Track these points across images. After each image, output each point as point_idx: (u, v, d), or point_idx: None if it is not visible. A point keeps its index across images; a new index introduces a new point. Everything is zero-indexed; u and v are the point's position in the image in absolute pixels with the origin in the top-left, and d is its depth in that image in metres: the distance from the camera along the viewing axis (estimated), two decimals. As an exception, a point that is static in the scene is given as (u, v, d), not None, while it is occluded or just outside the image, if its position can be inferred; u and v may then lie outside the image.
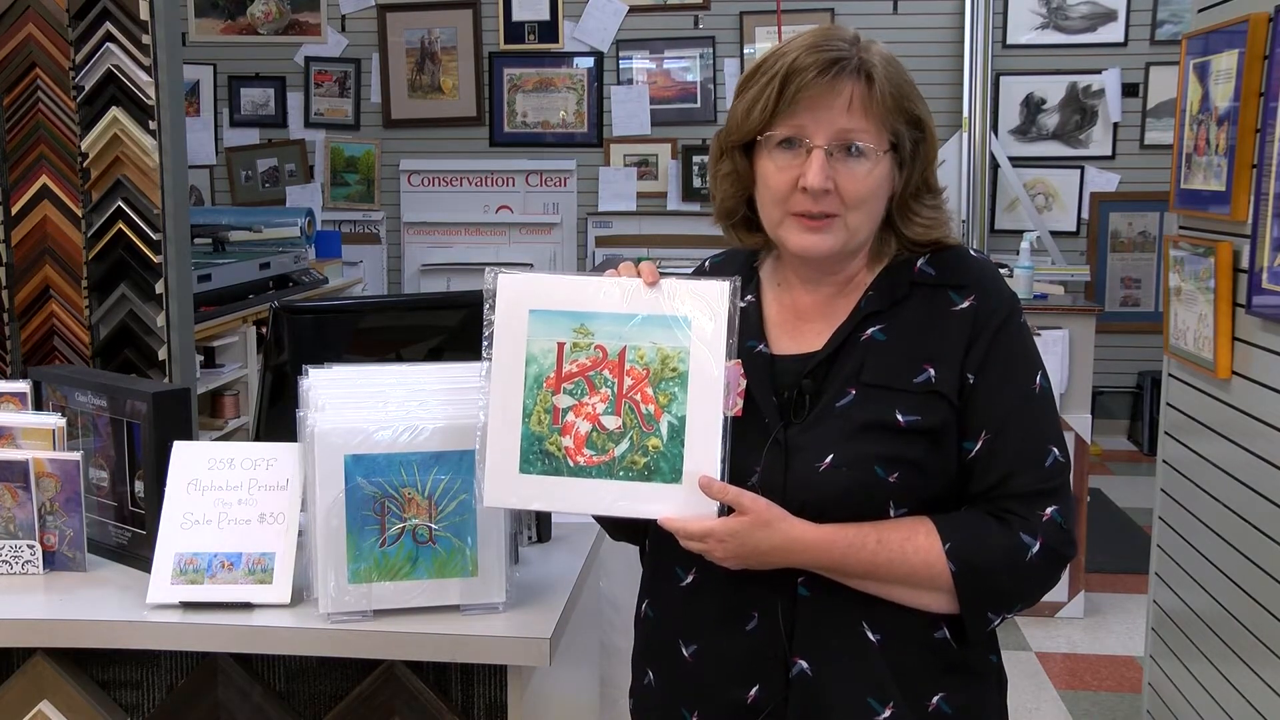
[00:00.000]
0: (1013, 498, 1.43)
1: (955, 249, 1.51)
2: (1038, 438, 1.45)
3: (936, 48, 6.70)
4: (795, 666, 1.44)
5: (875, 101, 1.42)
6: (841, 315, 1.48)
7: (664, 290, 1.44)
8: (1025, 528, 1.42)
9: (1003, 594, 1.44)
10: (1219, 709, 2.59)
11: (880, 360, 1.45)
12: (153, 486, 1.85)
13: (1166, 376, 2.96)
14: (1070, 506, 1.45)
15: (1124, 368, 6.80)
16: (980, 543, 1.42)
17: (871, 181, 1.43)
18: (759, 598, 1.45)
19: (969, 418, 1.44)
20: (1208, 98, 2.65)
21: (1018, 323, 1.48)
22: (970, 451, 1.44)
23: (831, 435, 1.42)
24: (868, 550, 1.40)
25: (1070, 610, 4.41)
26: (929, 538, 1.41)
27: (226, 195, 7.19)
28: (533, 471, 1.44)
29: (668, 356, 1.43)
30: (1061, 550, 1.44)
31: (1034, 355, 1.49)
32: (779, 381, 1.47)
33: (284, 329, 2.11)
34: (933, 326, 1.46)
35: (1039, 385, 1.47)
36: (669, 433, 1.42)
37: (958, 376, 1.44)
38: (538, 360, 1.45)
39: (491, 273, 1.47)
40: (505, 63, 7.02)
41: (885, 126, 1.43)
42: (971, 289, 1.47)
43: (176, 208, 3.04)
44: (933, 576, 1.41)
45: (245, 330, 5.05)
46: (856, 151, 1.42)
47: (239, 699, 1.73)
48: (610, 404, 1.43)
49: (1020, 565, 1.41)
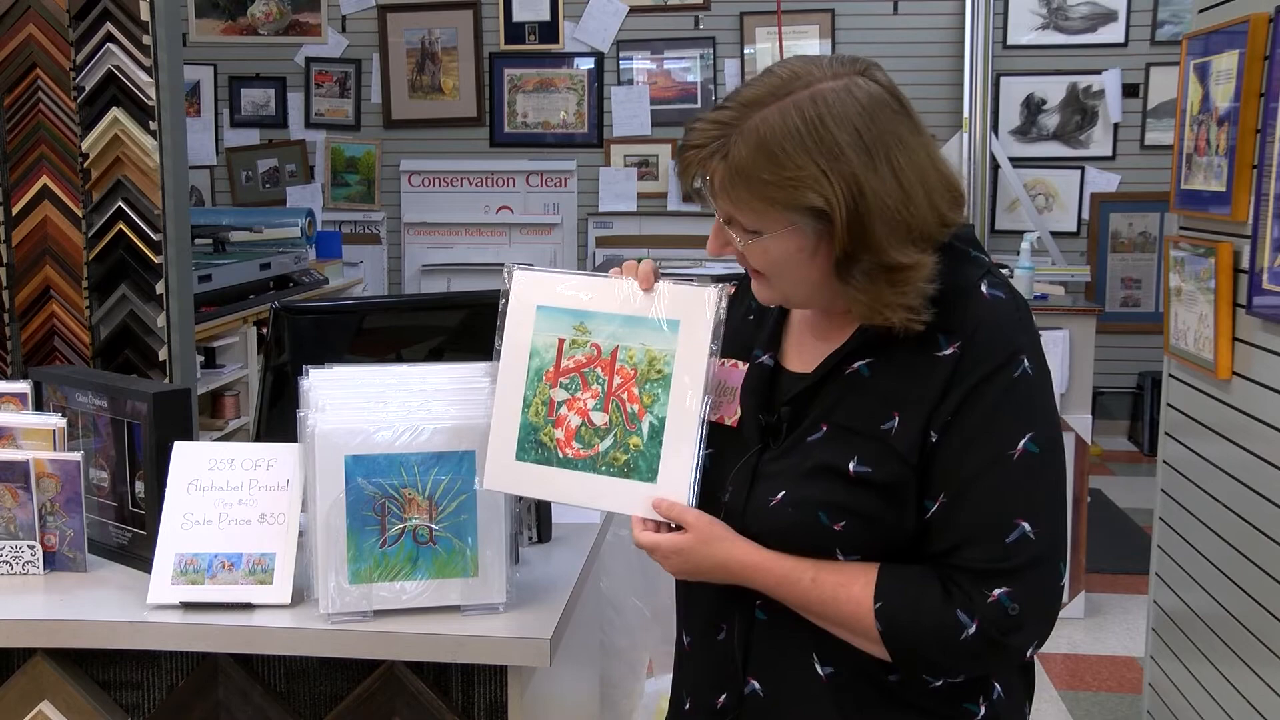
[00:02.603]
0: (961, 570, 1.31)
1: (967, 281, 1.36)
2: (1003, 508, 1.30)
3: (937, 48, 6.70)
4: (749, 685, 1.44)
5: (740, 183, 1.31)
6: (843, 339, 1.41)
7: (658, 293, 1.48)
8: (965, 605, 1.30)
9: (932, 664, 1.35)
10: (1219, 709, 2.58)
11: (856, 399, 1.37)
12: (153, 487, 1.85)
13: (1167, 377, 2.96)
14: (1033, 591, 1.30)
15: (1124, 368, 6.80)
16: (914, 609, 1.31)
17: (770, 256, 1.35)
18: (729, 612, 1.45)
19: (931, 475, 1.33)
20: (1208, 98, 2.65)
21: (1010, 377, 1.31)
22: (928, 511, 1.33)
23: (790, 471, 1.38)
24: (801, 586, 1.36)
25: (1070, 610, 4.40)
26: (864, 589, 1.33)
27: (227, 196, 7.20)
28: (527, 459, 1.51)
29: (655, 358, 1.46)
30: (1001, 639, 1.29)
31: (1025, 414, 1.31)
32: (779, 398, 1.44)
33: (284, 329, 2.11)
34: (913, 371, 1.34)
35: (1021, 450, 1.30)
36: (649, 433, 1.45)
37: (920, 432, 1.32)
38: (540, 354, 1.51)
39: (509, 268, 1.54)
40: (506, 63, 7.02)
41: (768, 201, 1.30)
42: (959, 335, 1.32)
43: (177, 208, 3.04)
44: (863, 628, 1.34)
45: (246, 330, 5.05)
46: (742, 228, 1.35)
47: (239, 699, 1.73)
48: (600, 400, 1.48)
49: (950, 644, 1.30)
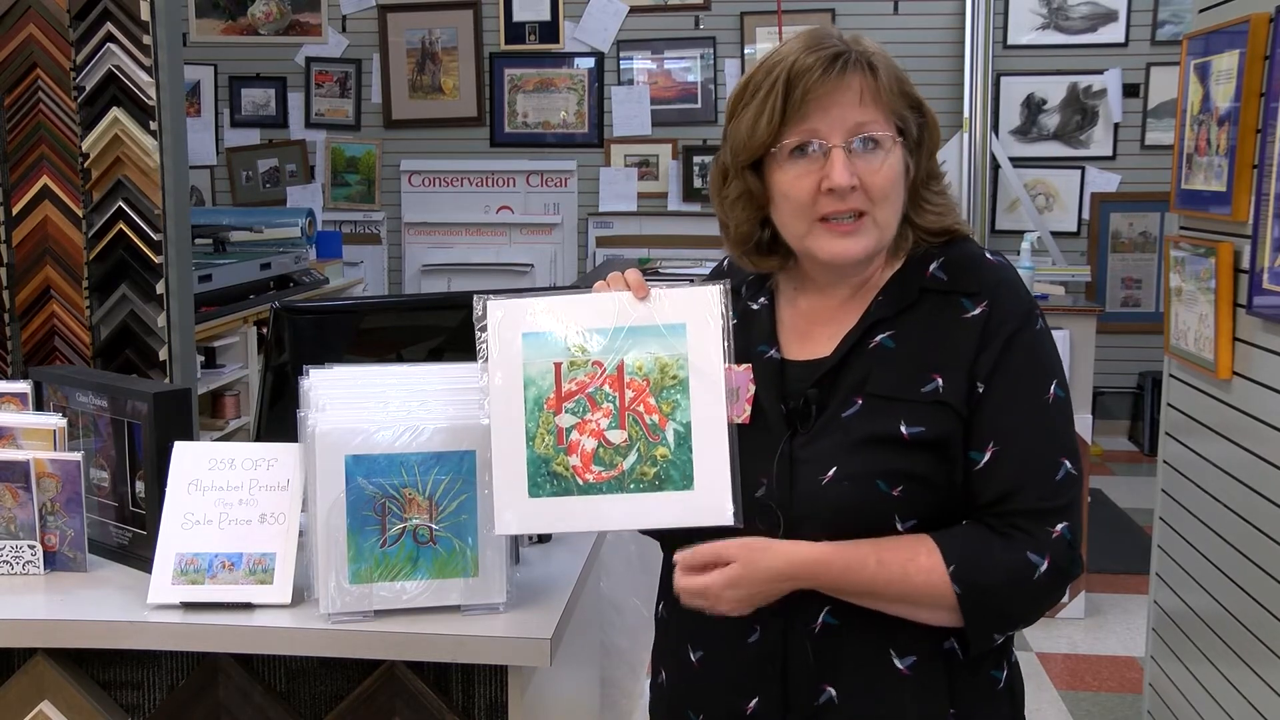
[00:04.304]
0: (1020, 514, 1.38)
1: (970, 251, 1.47)
2: (1048, 450, 1.39)
3: (937, 48, 6.70)
4: (824, 693, 1.43)
5: (883, 90, 1.40)
6: (853, 320, 1.45)
7: (655, 300, 1.44)
8: (1032, 545, 1.37)
9: (1008, 615, 1.41)
10: (1220, 709, 2.58)
11: (888, 369, 1.41)
12: (153, 487, 1.85)
13: (1167, 377, 2.96)
14: (1079, 521, 1.41)
15: (1125, 368, 6.80)
16: (986, 563, 1.37)
17: (892, 172, 1.41)
18: (762, 614, 1.43)
19: (976, 428, 1.39)
20: (1208, 98, 2.65)
21: (1033, 330, 1.42)
22: (977, 463, 1.39)
23: (835, 447, 1.40)
24: (868, 571, 1.37)
25: (1071, 610, 4.41)
26: (931, 557, 1.37)
27: (227, 195, 7.20)
28: (542, 494, 1.43)
29: (666, 365, 1.43)
30: (1069, 569, 1.39)
31: (1050, 364, 1.42)
32: (790, 388, 1.45)
33: (285, 329, 2.11)
34: (943, 335, 1.41)
35: (1053, 395, 1.41)
36: (676, 440, 1.41)
37: (966, 386, 1.39)
38: (535, 383, 1.44)
39: (480, 300, 1.46)
40: (506, 63, 7.02)
41: (893, 114, 1.42)
42: (984, 295, 1.42)
43: (177, 208, 3.04)
44: (936, 597, 1.37)
45: (246, 330, 5.05)
46: (873, 144, 1.40)
47: (239, 699, 1.73)
48: (614, 418, 1.43)
49: (1027, 585, 1.37)
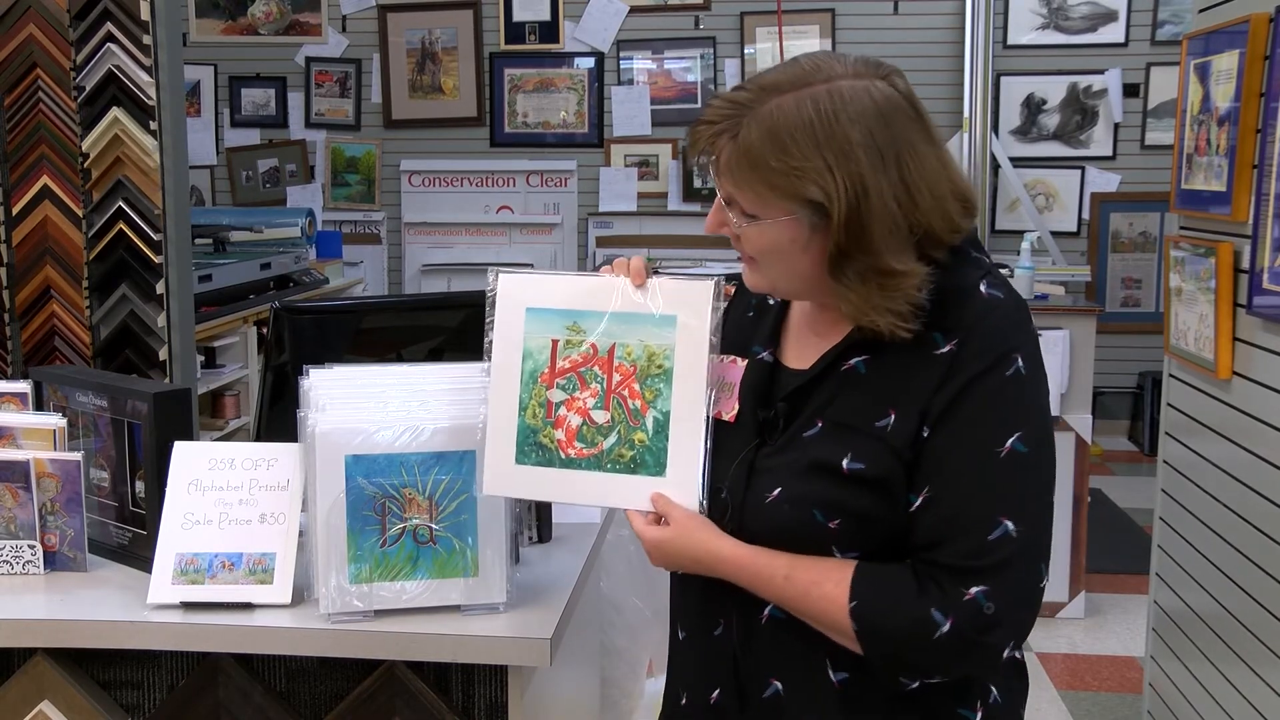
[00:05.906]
0: (940, 567, 1.30)
1: (964, 281, 1.37)
2: (985, 506, 1.30)
3: (937, 48, 6.70)
4: (770, 687, 1.43)
5: (731, 166, 1.33)
6: (840, 336, 1.41)
7: (652, 289, 1.48)
8: (940, 603, 1.29)
9: (910, 664, 1.34)
10: (1220, 709, 2.58)
11: (852, 395, 1.37)
12: (153, 487, 1.85)
13: (1167, 377, 2.96)
14: (1011, 590, 1.29)
15: (1124, 368, 6.80)
16: (888, 607, 1.31)
17: (763, 242, 1.36)
18: (725, 608, 1.45)
19: (916, 471, 1.33)
20: (1208, 98, 2.65)
21: (1001, 375, 1.32)
22: (911, 505, 1.33)
23: (786, 467, 1.38)
24: (775, 583, 1.37)
25: (1071, 610, 4.41)
26: (838, 587, 1.33)
27: (227, 195, 7.20)
28: (527, 462, 1.50)
29: (654, 354, 1.47)
30: (976, 637, 1.29)
31: (1014, 413, 1.32)
32: (776, 394, 1.44)
33: (285, 329, 2.11)
34: (909, 369, 1.34)
35: (1008, 448, 1.30)
36: (654, 427, 1.46)
37: (915, 425, 1.33)
38: (533, 356, 1.50)
39: (493, 272, 1.53)
40: (506, 63, 7.02)
41: (774, 191, 1.31)
42: (956, 333, 1.33)
43: (177, 208, 3.04)
44: (834, 625, 1.34)
45: (246, 330, 5.05)
46: (741, 211, 1.36)
47: (239, 699, 1.73)
48: (600, 399, 1.48)
49: (925, 642, 1.29)
